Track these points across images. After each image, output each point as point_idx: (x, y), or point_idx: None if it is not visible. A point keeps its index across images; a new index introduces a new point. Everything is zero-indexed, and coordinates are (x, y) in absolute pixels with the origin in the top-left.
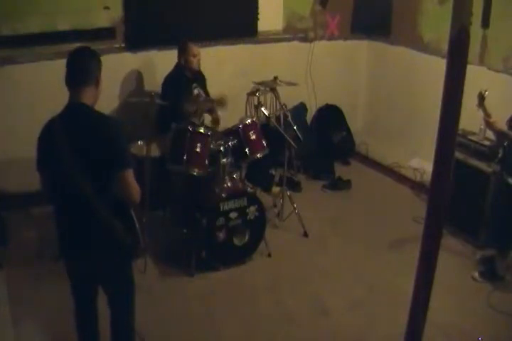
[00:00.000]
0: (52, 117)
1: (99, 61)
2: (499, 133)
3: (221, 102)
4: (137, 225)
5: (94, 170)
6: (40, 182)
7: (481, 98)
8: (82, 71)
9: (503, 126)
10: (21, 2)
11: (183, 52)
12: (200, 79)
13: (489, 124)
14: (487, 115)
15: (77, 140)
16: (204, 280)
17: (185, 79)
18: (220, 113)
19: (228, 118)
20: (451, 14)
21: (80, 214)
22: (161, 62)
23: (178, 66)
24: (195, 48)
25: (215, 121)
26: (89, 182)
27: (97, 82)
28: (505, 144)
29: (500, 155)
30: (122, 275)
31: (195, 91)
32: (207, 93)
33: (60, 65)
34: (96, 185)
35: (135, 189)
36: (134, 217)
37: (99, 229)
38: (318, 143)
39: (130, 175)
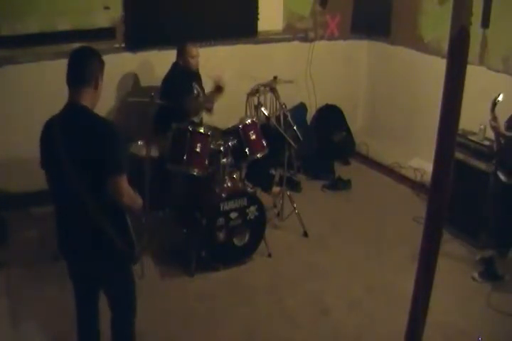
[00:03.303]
0: (52, 116)
1: (101, 62)
2: (501, 135)
3: (219, 89)
4: (131, 230)
5: (88, 172)
6: (46, 180)
7: (494, 104)
8: (80, 71)
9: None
10: (21, 2)
11: (181, 53)
12: (197, 78)
13: (494, 128)
14: (494, 119)
15: (72, 141)
16: (204, 280)
17: (184, 78)
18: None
19: (228, 119)
20: (451, 14)
21: (74, 215)
22: (161, 62)
23: (176, 65)
24: (194, 49)
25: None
26: (84, 183)
27: (96, 83)
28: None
29: (495, 149)
30: (121, 277)
31: (195, 91)
32: (204, 92)
33: (60, 65)
34: (90, 186)
35: (127, 195)
36: (129, 222)
37: (90, 231)
38: (318, 143)
39: (122, 180)
